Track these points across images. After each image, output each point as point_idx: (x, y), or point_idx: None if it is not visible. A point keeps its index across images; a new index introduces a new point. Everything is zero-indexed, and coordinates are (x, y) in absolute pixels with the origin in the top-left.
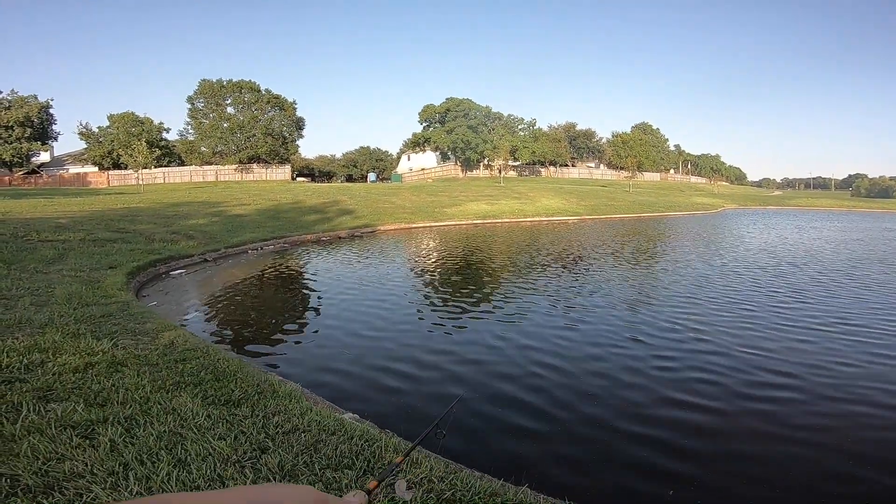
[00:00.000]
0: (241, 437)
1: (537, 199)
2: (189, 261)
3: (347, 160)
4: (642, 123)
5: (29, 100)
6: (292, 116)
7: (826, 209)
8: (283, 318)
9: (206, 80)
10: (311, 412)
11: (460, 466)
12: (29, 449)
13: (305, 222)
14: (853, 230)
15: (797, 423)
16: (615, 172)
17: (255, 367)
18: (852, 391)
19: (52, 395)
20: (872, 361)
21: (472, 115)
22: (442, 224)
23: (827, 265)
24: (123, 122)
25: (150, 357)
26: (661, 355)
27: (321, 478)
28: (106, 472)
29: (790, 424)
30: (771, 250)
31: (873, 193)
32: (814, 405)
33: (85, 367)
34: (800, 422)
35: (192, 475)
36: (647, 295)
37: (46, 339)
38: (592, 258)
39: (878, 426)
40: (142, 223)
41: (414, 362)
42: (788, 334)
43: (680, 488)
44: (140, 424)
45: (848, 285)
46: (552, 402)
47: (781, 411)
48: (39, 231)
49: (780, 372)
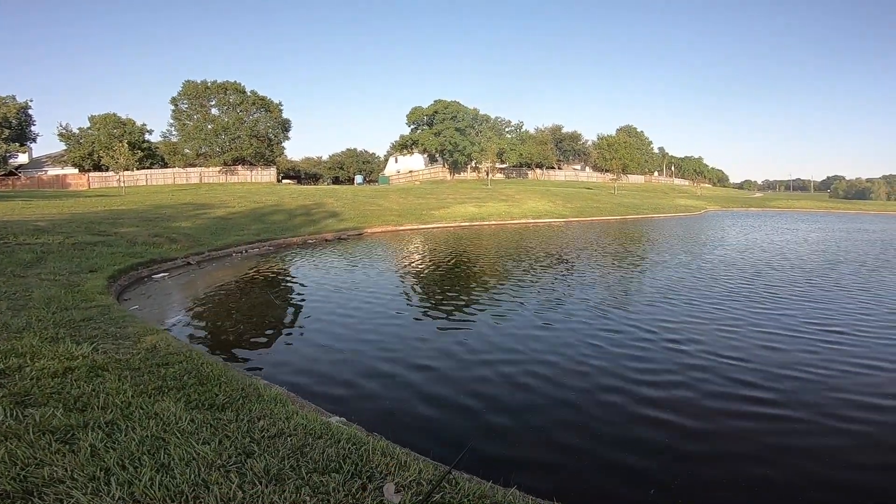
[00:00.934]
0: (226, 442)
1: (524, 201)
2: (172, 264)
3: (334, 162)
4: (627, 126)
5: (7, 100)
6: (278, 118)
7: (806, 210)
8: (267, 322)
9: (190, 82)
10: (296, 416)
11: (449, 469)
12: (6, 454)
13: (291, 225)
14: (836, 230)
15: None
16: (600, 175)
17: (239, 370)
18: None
19: (29, 400)
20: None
21: (459, 118)
22: (429, 226)
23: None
24: (105, 123)
25: (131, 361)
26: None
27: (308, 482)
28: (87, 477)
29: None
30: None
31: (850, 195)
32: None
33: (64, 372)
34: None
35: (175, 480)
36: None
37: (24, 344)
38: (589, 261)
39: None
40: (123, 226)
41: (400, 364)
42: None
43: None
44: (122, 429)
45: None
46: (536, 401)
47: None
48: (17, 234)
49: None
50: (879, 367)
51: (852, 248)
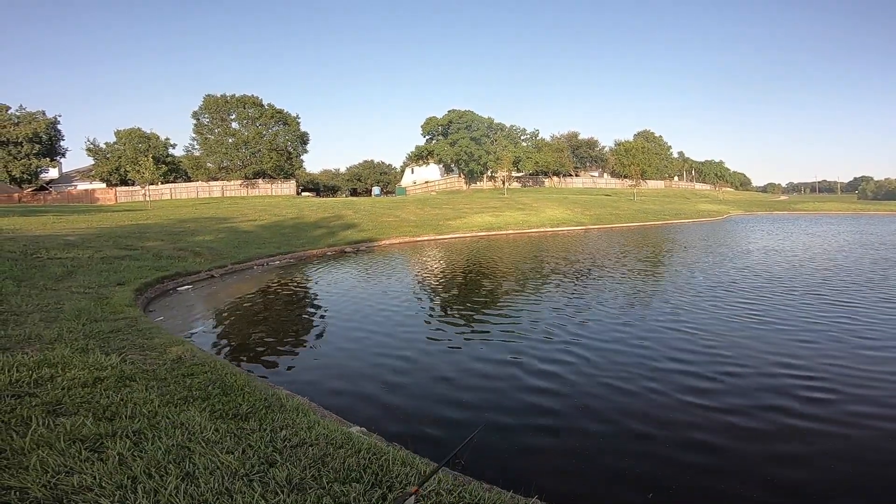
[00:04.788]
0: (249, 451)
1: (541, 209)
2: (196, 277)
3: (351, 174)
4: (644, 131)
5: (37, 116)
6: (296, 131)
7: (835, 213)
8: (290, 333)
9: (210, 96)
10: (318, 426)
11: (468, 479)
12: (38, 462)
13: (310, 237)
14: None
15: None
16: (619, 181)
17: (262, 381)
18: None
19: (61, 410)
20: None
21: (474, 127)
22: (447, 237)
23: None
24: (130, 137)
25: (158, 372)
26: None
27: (329, 491)
28: (114, 485)
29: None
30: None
31: (880, 196)
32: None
33: (94, 382)
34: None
35: (200, 489)
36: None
37: (56, 355)
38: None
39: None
40: (149, 240)
41: (423, 376)
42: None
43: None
44: (148, 438)
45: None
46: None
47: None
48: (48, 248)
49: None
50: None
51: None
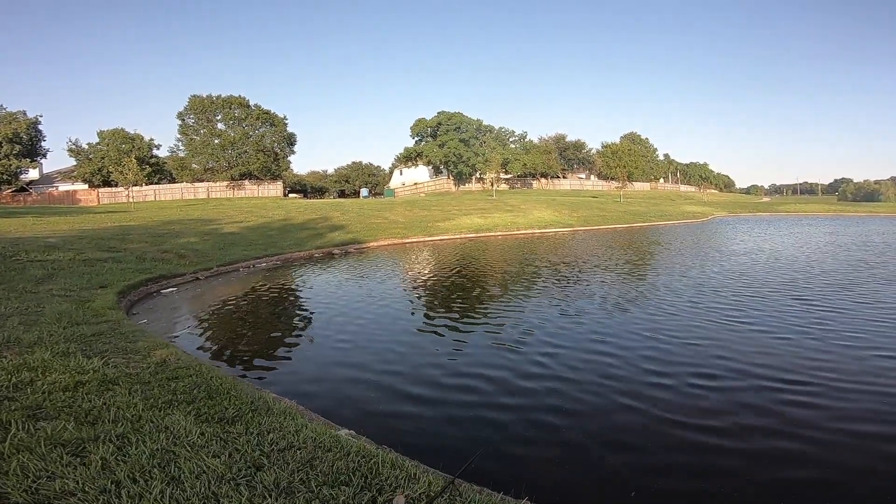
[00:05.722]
0: (236, 455)
1: (530, 211)
2: (181, 279)
3: (340, 176)
4: (631, 133)
5: (17, 115)
6: (283, 132)
7: (815, 214)
8: (276, 336)
9: (196, 96)
10: (306, 429)
11: (459, 481)
12: (18, 467)
13: (298, 239)
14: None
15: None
16: (605, 183)
17: (248, 384)
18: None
19: (41, 414)
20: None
21: (463, 129)
22: (435, 238)
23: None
24: (113, 138)
25: (141, 375)
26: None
27: (318, 495)
28: (97, 489)
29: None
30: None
31: (859, 197)
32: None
33: (75, 386)
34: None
35: (185, 493)
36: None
37: (35, 358)
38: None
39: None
40: (133, 242)
41: (409, 380)
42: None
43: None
44: (132, 443)
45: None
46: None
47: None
48: (28, 250)
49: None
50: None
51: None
